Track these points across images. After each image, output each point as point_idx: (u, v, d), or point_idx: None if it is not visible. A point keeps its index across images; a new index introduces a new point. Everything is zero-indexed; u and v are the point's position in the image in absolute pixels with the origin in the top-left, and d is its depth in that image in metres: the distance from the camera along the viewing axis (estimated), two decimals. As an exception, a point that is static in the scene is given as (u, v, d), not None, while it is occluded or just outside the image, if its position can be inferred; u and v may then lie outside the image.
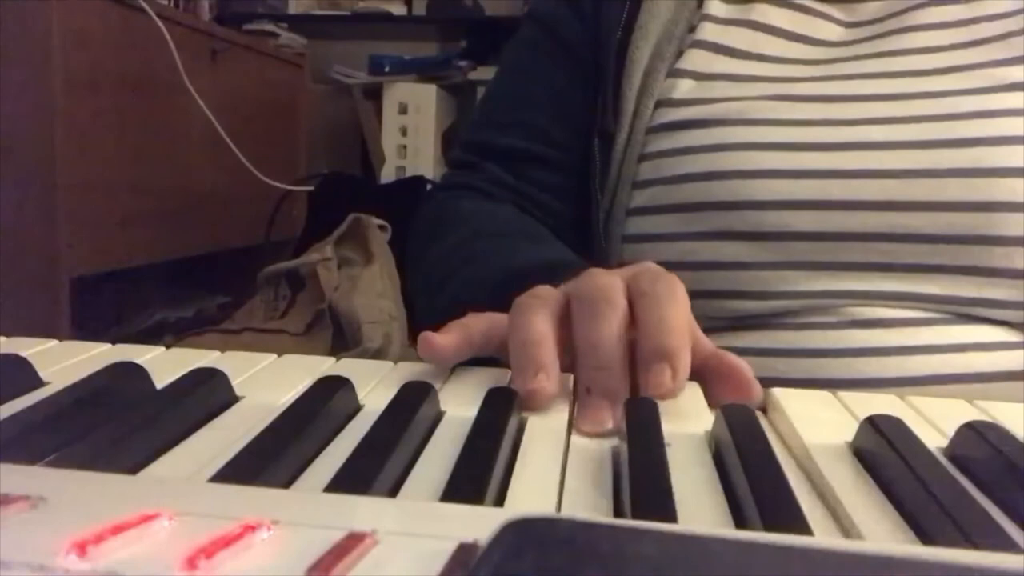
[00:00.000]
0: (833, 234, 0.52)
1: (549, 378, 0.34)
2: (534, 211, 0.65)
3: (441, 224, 0.65)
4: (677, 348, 0.35)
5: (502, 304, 0.40)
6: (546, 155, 0.65)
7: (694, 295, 0.39)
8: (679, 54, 0.60)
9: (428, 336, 0.38)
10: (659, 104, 0.59)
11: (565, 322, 0.38)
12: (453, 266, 0.59)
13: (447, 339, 0.38)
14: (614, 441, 0.31)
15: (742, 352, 0.39)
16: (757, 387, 0.37)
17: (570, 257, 0.54)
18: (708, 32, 0.60)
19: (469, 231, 0.61)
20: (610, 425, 0.33)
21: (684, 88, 0.59)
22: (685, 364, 0.35)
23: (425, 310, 0.65)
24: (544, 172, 0.65)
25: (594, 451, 0.30)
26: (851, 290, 0.53)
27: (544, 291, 0.40)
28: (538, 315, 0.37)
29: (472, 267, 0.57)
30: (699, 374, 0.38)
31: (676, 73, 0.59)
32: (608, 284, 0.38)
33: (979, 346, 0.51)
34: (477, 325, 0.39)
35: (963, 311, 0.52)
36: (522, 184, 0.65)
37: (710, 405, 0.36)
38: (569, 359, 0.37)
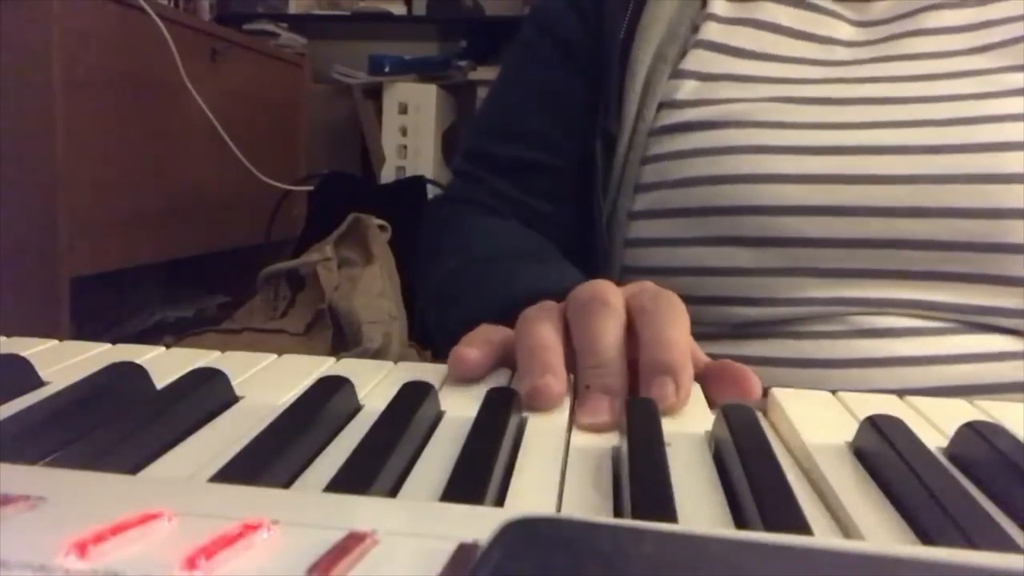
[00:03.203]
0: (841, 240, 0.51)
1: (557, 379, 0.34)
2: (538, 224, 0.64)
3: (445, 243, 0.65)
4: (679, 363, 0.35)
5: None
6: (549, 162, 0.64)
7: (698, 301, 0.39)
8: (683, 54, 0.59)
9: (462, 353, 0.37)
10: (662, 106, 0.58)
11: (569, 334, 0.38)
12: (459, 287, 0.59)
13: (478, 355, 0.38)
14: (614, 441, 0.31)
15: (745, 360, 0.39)
16: (757, 384, 0.37)
17: (573, 278, 0.53)
18: (712, 32, 0.59)
19: (472, 253, 0.61)
20: (607, 418, 0.33)
21: (688, 89, 0.57)
22: (688, 379, 0.35)
23: (433, 328, 0.65)
24: (547, 180, 0.64)
25: (594, 451, 0.30)
26: (859, 297, 0.51)
27: (549, 304, 0.40)
28: (544, 324, 0.38)
29: (477, 291, 0.57)
30: (699, 378, 0.38)
31: (680, 74, 0.58)
32: (604, 288, 0.38)
33: (986, 356, 0.50)
34: (496, 336, 0.40)
35: (972, 320, 0.51)
36: (526, 196, 0.65)
37: (710, 405, 0.36)
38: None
